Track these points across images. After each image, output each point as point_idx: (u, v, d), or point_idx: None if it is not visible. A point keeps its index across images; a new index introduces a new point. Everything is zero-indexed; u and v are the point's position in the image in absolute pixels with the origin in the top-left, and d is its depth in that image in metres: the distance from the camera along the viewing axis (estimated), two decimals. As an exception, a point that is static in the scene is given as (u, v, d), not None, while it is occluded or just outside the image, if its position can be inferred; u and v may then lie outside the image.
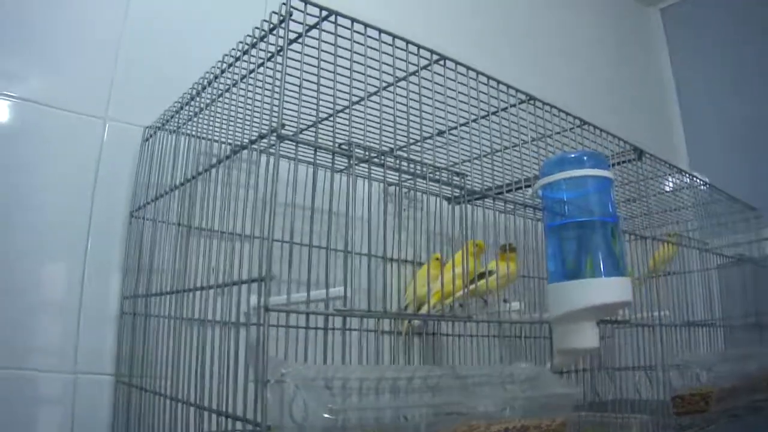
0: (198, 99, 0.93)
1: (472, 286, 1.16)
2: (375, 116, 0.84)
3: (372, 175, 0.85)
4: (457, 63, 0.92)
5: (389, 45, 0.84)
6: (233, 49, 0.85)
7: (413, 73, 0.89)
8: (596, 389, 1.11)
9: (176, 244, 0.89)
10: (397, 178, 1.04)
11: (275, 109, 0.72)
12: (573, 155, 0.96)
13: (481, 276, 1.16)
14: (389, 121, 0.85)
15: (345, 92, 0.80)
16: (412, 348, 1.22)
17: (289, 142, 0.74)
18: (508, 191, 1.03)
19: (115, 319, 1.04)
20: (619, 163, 1.18)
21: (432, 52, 0.89)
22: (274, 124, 0.72)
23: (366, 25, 0.82)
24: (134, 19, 1.14)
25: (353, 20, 0.80)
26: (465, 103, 0.93)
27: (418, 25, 1.60)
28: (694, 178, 1.32)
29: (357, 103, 0.82)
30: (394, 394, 0.75)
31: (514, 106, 1.00)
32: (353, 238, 0.79)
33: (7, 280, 0.95)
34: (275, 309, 0.69)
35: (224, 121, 0.85)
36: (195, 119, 0.93)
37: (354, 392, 0.72)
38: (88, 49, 1.09)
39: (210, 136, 0.87)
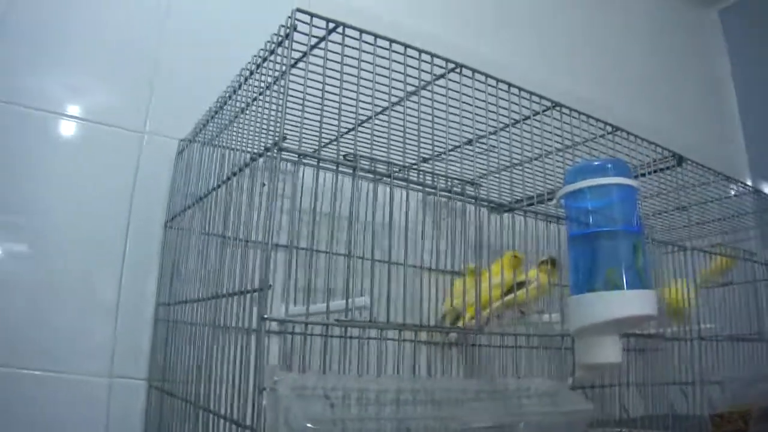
0: (220, 114, 0.96)
1: (507, 297, 1.14)
2: (387, 129, 0.84)
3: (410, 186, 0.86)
4: (474, 71, 0.91)
5: (401, 54, 0.84)
6: (249, 63, 0.88)
7: (429, 83, 0.88)
8: (624, 405, 1.06)
9: (198, 252, 0.92)
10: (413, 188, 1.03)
11: (278, 124, 0.74)
12: (596, 163, 0.93)
13: (517, 286, 1.14)
14: (401, 133, 0.86)
15: (360, 103, 0.81)
16: (445, 359, 1.21)
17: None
18: (530, 204, 1.00)
19: (150, 325, 1.08)
20: (657, 171, 1.13)
21: (447, 60, 0.88)
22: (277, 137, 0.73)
23: (376, 36, 0.82)
24: (170, 35, 1.20)
25: (362, 31, 0.81)
26: (482, 109, 0.92)
27: (457, 31, 1.62)
28: (741, 185, 1.25)
29: (367, 120, 0.83)
30: (397, 406, 0.75)
31: (538, 114, 0.98)
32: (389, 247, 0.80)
33: (48, 285, 1.01)
34: (272, 319, 0.71)
35: (240, 136, 0.87)
36: (217, 135, 0.96)
37: (354, 403, 0.73)
38: (129, 67, 1.15)
39: (228, 150, 0.90)
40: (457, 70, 0.89)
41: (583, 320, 0.87)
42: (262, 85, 0.83)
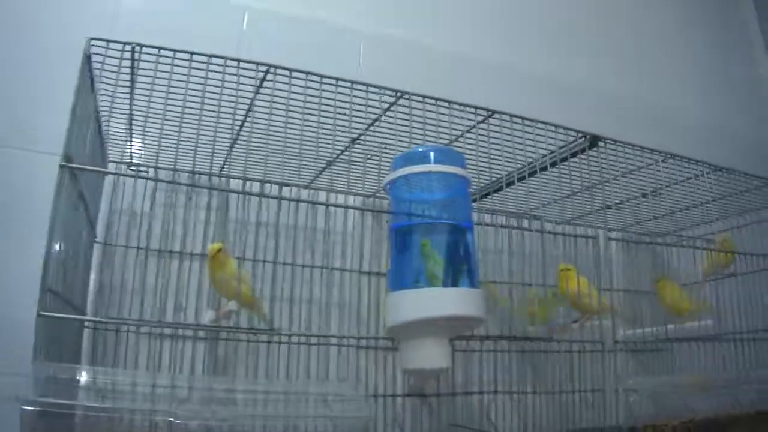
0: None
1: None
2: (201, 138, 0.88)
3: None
4: (291, 70, 0.90)
5: (204, 63, 0.87)
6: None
7: (255, 93, 0.90)
8: (489, 415, 0.93)
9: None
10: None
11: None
12: (420, 150, 0.86)
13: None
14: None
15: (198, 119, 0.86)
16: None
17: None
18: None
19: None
20: (572, 155, 1.00)
21: (259, 64, 0.89)
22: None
23: (174, 51, 0.86)
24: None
25: (160, 48, 0.86)
26: (309, 112, 0.90)
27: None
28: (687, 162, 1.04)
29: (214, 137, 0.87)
30: (170, 402, 0.77)
31: (384, 113, 0.93)
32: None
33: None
34: (47, 315, 0.78)
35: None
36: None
37: (126, 395, 0.76)
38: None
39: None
40: (272, 71, 0.89)
41: (396, 318, 0.81)
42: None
